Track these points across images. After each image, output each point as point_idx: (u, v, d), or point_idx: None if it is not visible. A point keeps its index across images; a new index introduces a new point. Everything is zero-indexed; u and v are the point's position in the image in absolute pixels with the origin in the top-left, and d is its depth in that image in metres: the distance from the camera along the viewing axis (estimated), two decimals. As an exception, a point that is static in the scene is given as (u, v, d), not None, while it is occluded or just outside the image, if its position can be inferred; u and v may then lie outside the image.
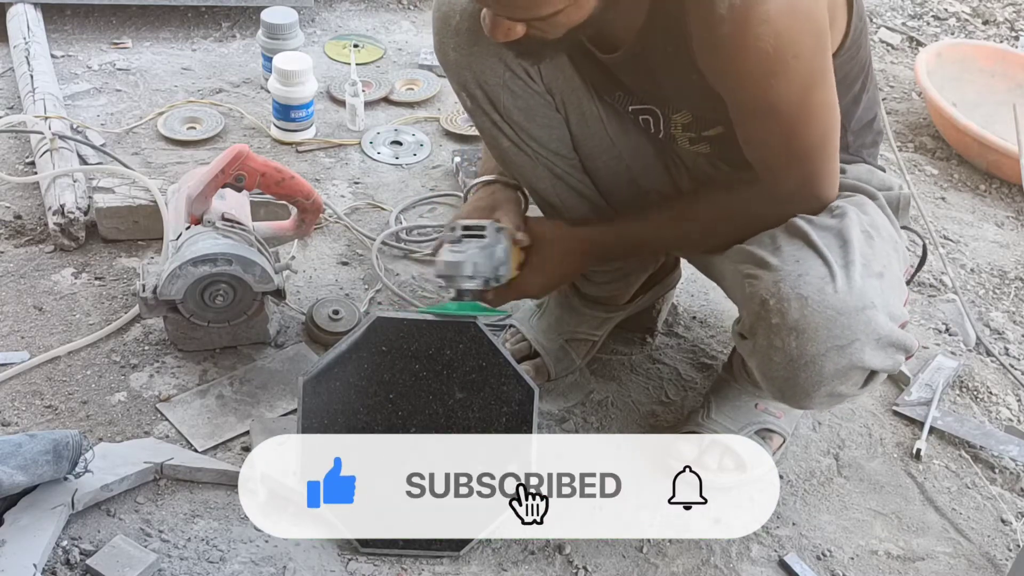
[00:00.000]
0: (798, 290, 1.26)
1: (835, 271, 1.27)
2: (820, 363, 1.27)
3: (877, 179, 1.47)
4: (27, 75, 2.19)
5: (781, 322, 1.26)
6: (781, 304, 1.27)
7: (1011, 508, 1.61)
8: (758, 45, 1.22)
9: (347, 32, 2.62)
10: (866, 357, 1.28)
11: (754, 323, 1.31)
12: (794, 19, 1.23)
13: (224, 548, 1.39)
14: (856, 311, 1.26)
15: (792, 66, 1.25)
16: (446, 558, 1.42)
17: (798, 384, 1.29)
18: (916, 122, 2.55)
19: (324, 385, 1.42)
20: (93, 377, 1.63)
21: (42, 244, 1.87)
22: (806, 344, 1.26)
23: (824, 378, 1.28)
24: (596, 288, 1.71)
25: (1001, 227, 2.24)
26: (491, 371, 1.44)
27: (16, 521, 1.34)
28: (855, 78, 1.42)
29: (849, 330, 1.26)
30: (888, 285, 1.31)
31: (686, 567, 1.46)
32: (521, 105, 1.49)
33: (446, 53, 1.48)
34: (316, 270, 1.89)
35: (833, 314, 1.25)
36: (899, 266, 1.38)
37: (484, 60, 1.45)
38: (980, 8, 3.08)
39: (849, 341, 1.26)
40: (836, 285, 1.26)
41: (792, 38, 1.23)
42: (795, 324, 1.26)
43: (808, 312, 1.25)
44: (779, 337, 1.27)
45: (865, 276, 1.28)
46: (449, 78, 1.52)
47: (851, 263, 1.28)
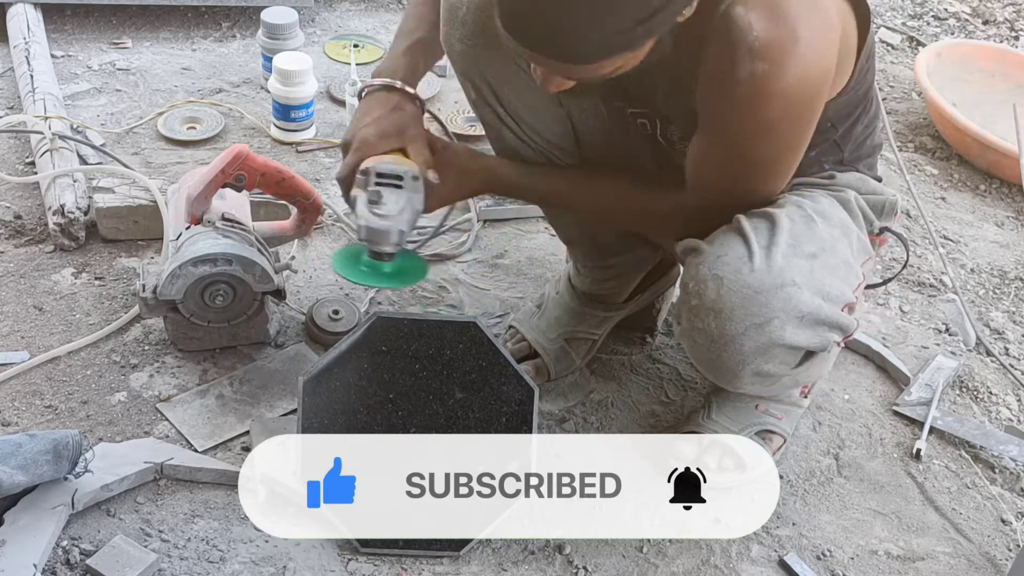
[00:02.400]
0: (715, 271, 1.29)
1: (754, 251, 1.29)
2: (740, 342, 1.29)
3: (867, 187, 1.48)
4: (27, 75, 2.18)
5: (699, 303, 1.29)
6: (699, 286, 1.30)
7: (1011, 508, 1.61)
8: (763, 113, 1.26)
9: (347, 32, 2.61)
10: (787, 335, 1.29)
11: (679, 307, 1.35)
12: (804, 92, 1.26)
13: (224, 548, 1.39)
14: (774, 289, 1.27)
15: (782, 130, 1.29)
16: (446, 558, 1.42)
17: (723, 364, 1.32)
18: (916, 122, 2.55)
19: (324, 385, 1.41)
20: (93, 377, 1.63)
21: (42, 244, 1.87)
22: (725, 324, 1.28)
23: (746, 356, 1.30)
24: (593, 286, 1.72)
25: (1001, 227, 2.24)
26: (491, 371, 1.44)
27: (16, 521, 1.34)
28: (855, 106, 1.44)
29: (767, 308, 1.27)
30: (822, 265, 1.32)
31: (686, 567, 1.46)
32: (525, 99, 1.49)
33: (452, 45, 1.48)
34: (316, 270, 1.89)
35: (750, 292, 1.27)
36: (849, 251, 1.39)
37: (489, 53, 1.45)
38: (980, 8, 3.08)
39: (767, 319, 1.28)
40: (754, 264, 1.28)
41: (796, 111, 1.28)
42: (712, 304, 1.28)
43: (724, 292, 1.28)
44: (699, 318, 1.30)
45: (789, 256, 1.29)
46: (454, 69, 1.52)
47: (774, 244, 1.30)
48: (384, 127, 1.44)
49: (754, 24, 1.21)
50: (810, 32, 1.24)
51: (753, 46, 1.21)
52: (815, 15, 1.25)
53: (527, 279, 1.92)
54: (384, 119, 1.44)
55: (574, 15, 1.14)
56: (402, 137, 1.44)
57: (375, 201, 1.37)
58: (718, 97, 1.28)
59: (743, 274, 1.27)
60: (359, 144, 1.42)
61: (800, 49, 1.23)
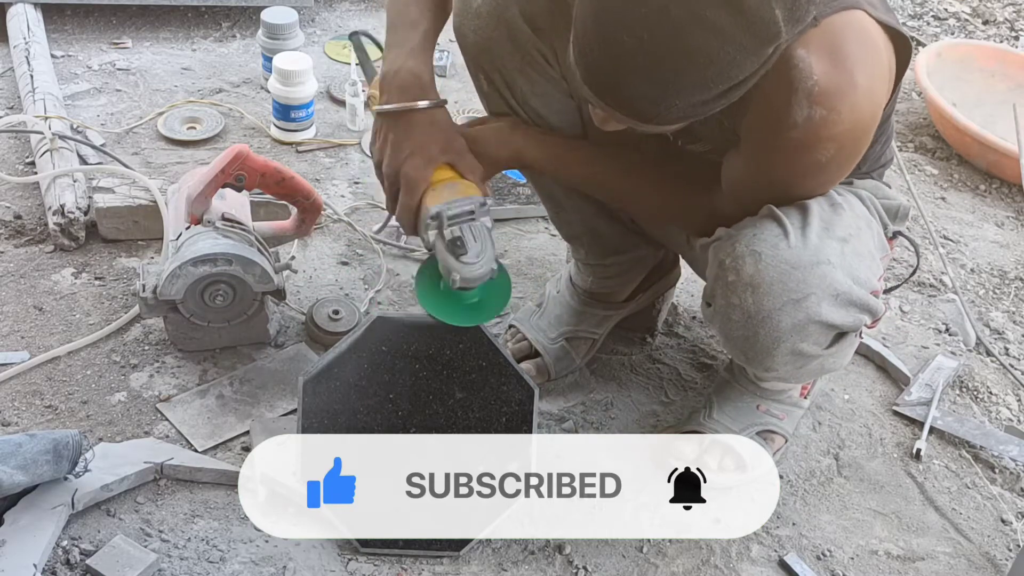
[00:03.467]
0: (752, 247, 1.28)
1: (788, 230, 1.28)
2: (777, 317, 1.28)
3: (881, 193, 1.48)
4: (27, 75, 2.19)
5: (736, 279, 1.28)
6: (736, 261, 1.29)
7: (1011, 508, 1.61)
8: (814, 156, 1.25)
9: (347, 32, 2.61)
10: (823, 311, 1.29)
11: (713, 285, 1.33)
12: (856, 136, 1.27)
13: (224, 548, 1.39)
14: (811, 265, 1.27)
15: (831, 171, 1.30)
16: (446, 558, 1.42)
17: (758, 341, 1.31)
18: (916, 122, 2.55)
19: (324, 385, 1.41)
20: (93, 377, 1.63)
21: (42, 244, 1.87)
22: (762, 299, 1.28)
23: (783, 333, 1.29)
24: (595, 284, 1.72)
25: (1001, 227, 2.24)
26: (491, 371, 1.44)
27: (16, 521, 1.33)
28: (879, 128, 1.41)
29: (804, 283, 1.27)
30: (852, 250, 1.32)
31: (686, 567, 1.46)
32: (538, 91, 1.48)
33: (465, 35, 1.47)
34: (316, 270, 1.89)
35: (787, 268, 1.27)
36: (872, 241, 1.39)
37: (502, 44, 1.44)
38: (980, 8, 3.08)
39: (804, 295, 1.27)
40: (790, 241, 1.28)
41: (846, 153, 1.28)
42: (750, 279, 1.28)
43: (762, 267, 1.27)
44: (736, 294, 1.29)
45: (823, 236, 1.29)
46: (466, 60, 1.51)
47: (808, 224, 1.30)
48: (430, 154, 1.36)
49: (815, 68, 1.19)
50: (867, 79, 1.23)
51: (812, 91, 1.20)
52: (871, 58, 1.24)
53: (527, 279, 1.92)
54: (426, 144, 1.36)
55: (665, 86, 1.11)
56: (447, 154, 1.38)
57: (459, 247, 1.31)
58: (769, 134, 1.26)
59: (780, 249, 1.27)
60: (409, 183, 1.35)
61: (857, 95, 1.22)
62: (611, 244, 1.68)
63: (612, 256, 1.69)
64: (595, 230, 1.67)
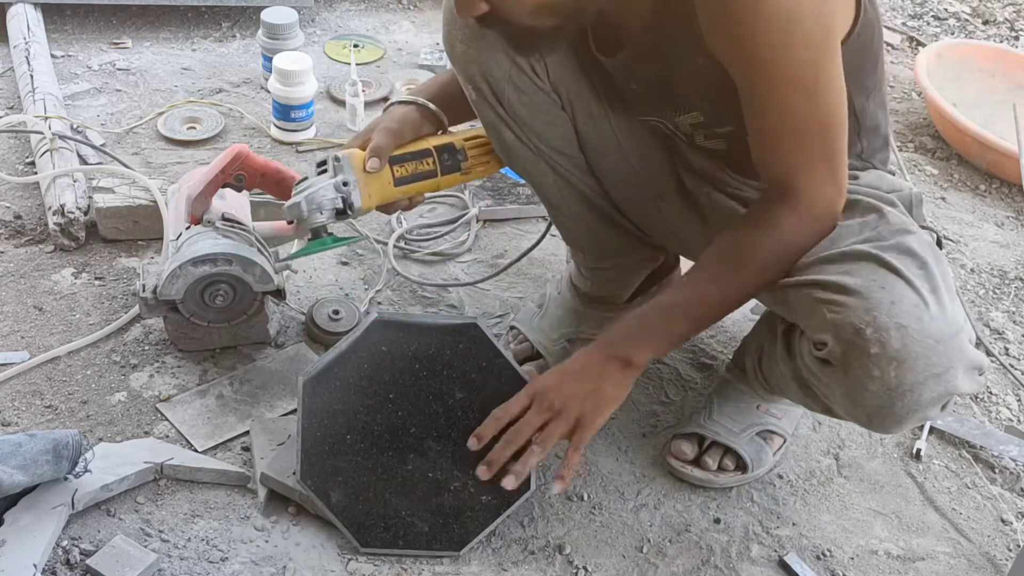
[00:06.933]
0: (896, 319, 1.23)
1: (926, 297, 1.25)
2: (919, 392, 1.24)
3: (887, 183, 1.45)
4: (27, 75, 2.19)
5: (881, 352, 1.22)
6: (880, 334, 1.22)
7: (1011, 508, 1.61)
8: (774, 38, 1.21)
9: (347, 32, 2.62)
10: (959, 382, 1.26)
11: (847, 351, 1.25)
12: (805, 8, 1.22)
13: (224, 548, 1.39)
14: (951, 338, 1.24)
15: (806, 27, 1.23)
16: (446, 558, 1.42)
17: (893, 412, 1.26)
18: (916, 122, 2.55)
19: (324, 385, 1.42)
20: (93, 377, 1.63)
21: (42, 244, 1.87)
22: (906, 373, 1.23)
23: (921, 406, 1.25)
24: (596, 287, 1.71)
25: (1001, 227, 2.24)
26: (491, 371, 1.44)
27: (16, 521, 1.34)
28: (868, 72, 1.40)
29: (946, 358, 1.23)
30: (960, 304, 1.30)
31: (686, 567, 1.46)
32: (526, 100, 1.49)
33: (453, 45, 1.48)
34: (316, 270, 1.89)
35: (932, 343, 1.22)
36: None
37: (491, 54, 1.45)
38: (980, 8, 3.08)
39: (946, 368, 1.24)
40: (931, 312, 1.24)
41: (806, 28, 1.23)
42: (896, 354, 1.22)
43: (909, 341, 1.22)
44: (878, 367, 1.23)
45: (951, 300, 1.27)
46: (455, 70, 1.52)
47: (937, 288, 1.26)
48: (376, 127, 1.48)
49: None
50: None
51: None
52: None
53: (527, 279, 1.92)
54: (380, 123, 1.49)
55: None
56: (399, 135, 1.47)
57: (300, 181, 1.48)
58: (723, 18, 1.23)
59: (925, 323, 1.23)
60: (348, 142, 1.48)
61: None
62: (611, 248, 1.68)
63: (612, 260, 1.69)
64: (595, 234, 1.66)
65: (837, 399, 1.32)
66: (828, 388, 1.33)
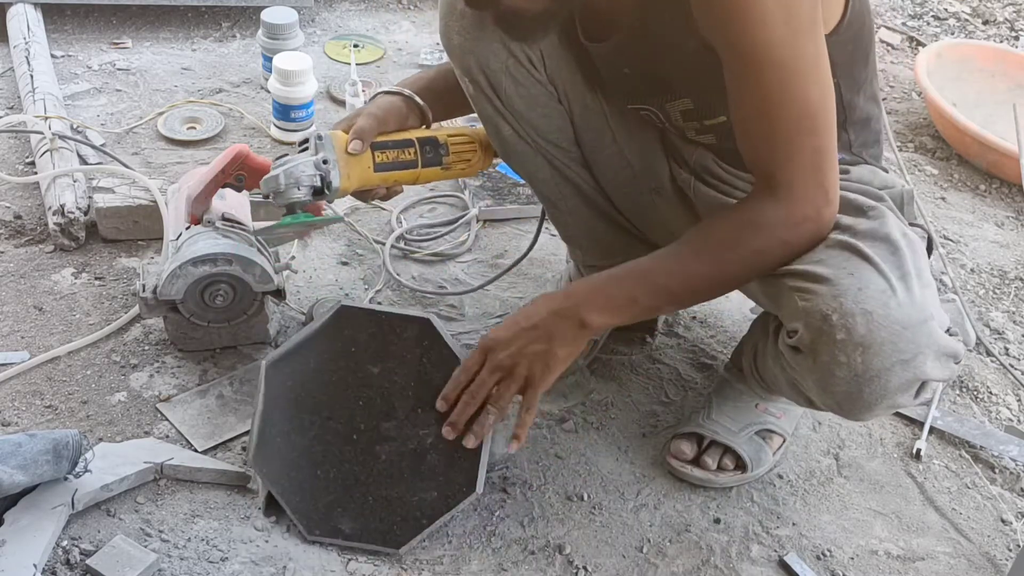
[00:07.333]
0: (862, 304, 1.23)
1: (894, 283, 1.25)
2: (886, 377, 1.24)
3: (879, 179, 1.46)
4: (27, 75, 2.19)
5: (847, 338, 1.23)
6: (846, 319, 1.23)
7: (1011, 508, 1.61)
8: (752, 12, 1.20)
9: (347, 32, 2.62)
10: (928, 369, 1.26)
11: (815, 338, 1.27)
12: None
13: (224, 548, 1.39)
14: (919, 324, 1.24)
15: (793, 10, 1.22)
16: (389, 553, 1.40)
17: (861, 399, 1.27)
18: (916, 122, 2.55)
19: (285, 370, 1.42)
20: (93, 377, 1.63)
21: (42, 244, 1.87)
22: (872, 359, 1.23)
23: (888, 392, 1.26)
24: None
25: (1001, 227, 2.24)
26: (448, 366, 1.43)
27: (16, 521, 1.33)
28: (859, 65, 1.40)
29: (913, 343, 1.24)
30: (933, 292, 1.30)
31: (686, 567, 1.46)
32: (523, 93, 1.49)
33: (450, 37, 1.48)
34: (316, 270, 1.89)
35: (899, 328, 1.23)
36: None
37: (487, 46, 1.45)
38: (980, 8, 3.08)
39: (913, 355, 1.24)
40: (899, 299, 1.24)
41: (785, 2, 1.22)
42: (862, 339, 1.23)
43: (875, 327, 1.23)
44: (844, 353, 1.24)
45: (921, 287, 1.27)
46: (453, 63, 1.52)
47: (907, 274, 1.27)
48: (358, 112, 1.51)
49: None
50: None
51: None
52: None
53: (527, 279, 1.92)
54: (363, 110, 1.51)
55: None
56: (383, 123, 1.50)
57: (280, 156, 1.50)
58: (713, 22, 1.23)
59: (891, 308, 1.23)
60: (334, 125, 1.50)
61: None
62: (608, 245, 1.68)
63: (610, 258, 1.68)
64: (592, 231, 1.66)
65: (810, 387, 1.33)
66: (801, 376, 1.34)
